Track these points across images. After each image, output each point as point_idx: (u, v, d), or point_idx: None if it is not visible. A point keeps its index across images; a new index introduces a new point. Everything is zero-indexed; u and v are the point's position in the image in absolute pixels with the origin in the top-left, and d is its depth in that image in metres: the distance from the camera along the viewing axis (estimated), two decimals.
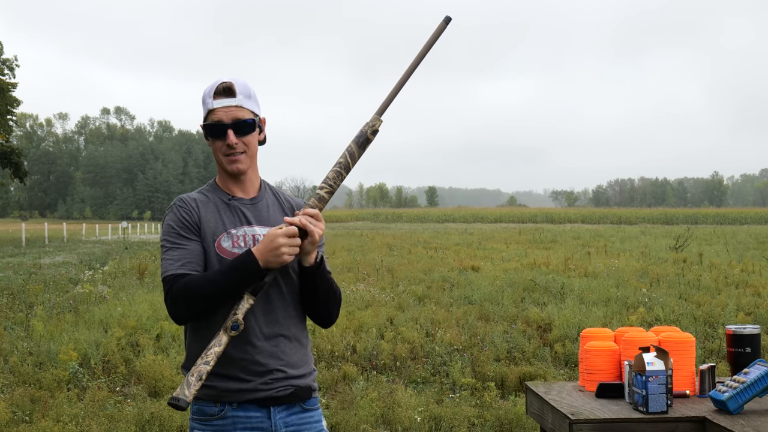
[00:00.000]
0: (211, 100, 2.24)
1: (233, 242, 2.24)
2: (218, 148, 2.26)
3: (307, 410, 2.30)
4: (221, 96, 2.24)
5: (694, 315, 9.97)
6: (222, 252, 2.23)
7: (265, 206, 2.33)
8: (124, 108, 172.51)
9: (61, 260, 23.20)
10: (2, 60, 41.95)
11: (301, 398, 2.28)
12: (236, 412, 2.21)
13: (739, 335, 2.98)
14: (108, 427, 5.56)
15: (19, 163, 40.74)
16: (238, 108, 2.24)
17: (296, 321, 2.30)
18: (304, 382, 2.28)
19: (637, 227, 63.05)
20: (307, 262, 2.20)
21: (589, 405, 2.78)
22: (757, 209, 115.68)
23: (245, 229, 2.27)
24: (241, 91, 2.25)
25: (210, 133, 2.26)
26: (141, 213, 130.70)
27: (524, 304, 11.32)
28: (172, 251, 2.23)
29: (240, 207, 2.30)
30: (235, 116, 2.23)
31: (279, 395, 2.23)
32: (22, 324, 9.66)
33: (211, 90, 2.25)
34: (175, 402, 2.03)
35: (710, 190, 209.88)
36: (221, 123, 2.23)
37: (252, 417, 2.22)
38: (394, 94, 2.24)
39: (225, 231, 2.25)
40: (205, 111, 2.26)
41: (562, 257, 20.45)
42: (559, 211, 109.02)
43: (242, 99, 2.25)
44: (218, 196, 2.32)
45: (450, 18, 2.27)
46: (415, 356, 7.97)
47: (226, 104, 2.23)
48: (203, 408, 2.23)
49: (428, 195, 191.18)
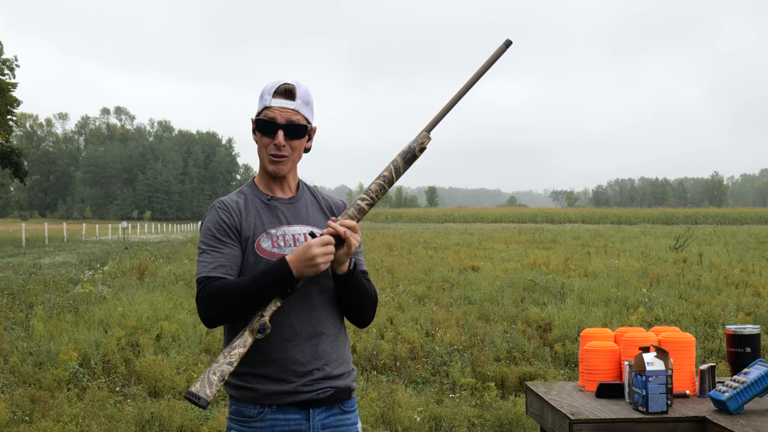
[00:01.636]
0: (269, 97, 2.25)
1: (273, 242, 2.25)
2: (265, 145, 2.26)
3: (345, 412, 2.30)
4: (281, 96, 2.24)
5: (694, 315, 9.97)
6: (262, 252, 2.23)
7: (304, 205, 2.34)
8: (124, 108, 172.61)
9: (61, 260, 23.20)
10: (2, 60, 41.94)
11: (341, 399, 2.28)
12: (275, 414, 2.21)
13: (739, 335, 2.97)
14: (108, 427, 5.56)
15: (19, 163, 40.73)
16: (295, 112, 2.24)
17: (336, 319, 2.31)
18: (344, 382, 2.29)
19: (637, 227, 63.05)
20: (340, 270, 2.20)
21: (589, 405, 2.78)
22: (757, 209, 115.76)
23: (284, 229, 2.27)
24: (301, 96, 2.25)
25: (261, 128, 2.26)
26: (141, 213, 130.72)
27: (524, 304, 11.32)
28: (207, 254, 2.22)
29: (279, 207, 2.31)
30: (290, 119, 2.24)
31: (319, 397, 2.23)
32: (22, 324, 9.66)
33: (272, 88, 2.26)
34: (194, 399, 2.01)
35: (710, 190, 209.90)
36: (274, 121, 2.23)
37: (291, 420, 2.21)
38: (445, 112, 2.26)
39: (264, 231, 2.26)
40: (261, 107, 2.27)
41: (562, 257, 20.45)
42: (559, 211, 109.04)
43: (300, 104, 2.25)
44: (257, 197, 2.32)
45: (510, 42, 2.27)
46: (415, 356, 7.97)
47: (284, 105, 2.23)
48: (242, 409, 2.23)
49: (428, 195, 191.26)
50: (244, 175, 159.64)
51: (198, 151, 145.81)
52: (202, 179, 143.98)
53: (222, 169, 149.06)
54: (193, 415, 5.75)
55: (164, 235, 54.74)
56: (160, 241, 38.75)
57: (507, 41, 2.27)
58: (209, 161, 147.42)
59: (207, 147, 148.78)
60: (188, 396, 2.02)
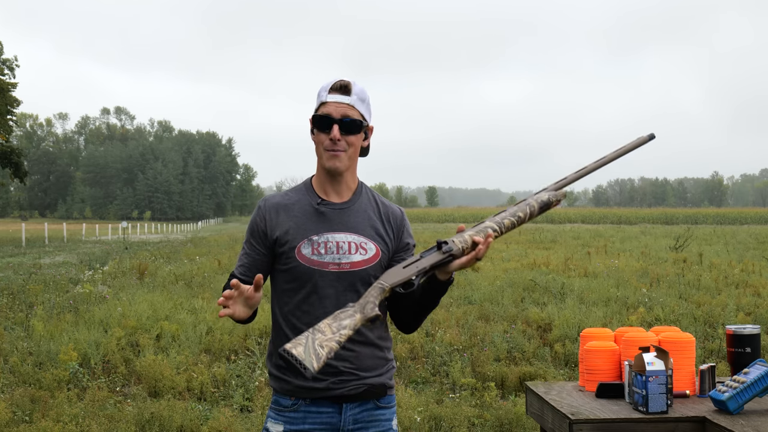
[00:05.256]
0: (326, 93, 2.26)
1: (313, 249, 2.24)
2: (321, 141, 2.26)
3: (380, 407, 2.32)
4: (337, 92, 2.25)
5: (694, 315, 9.97)
6: (301, 258, 2.24)
7: (357, 211, 2.31)
8: (124, 108, 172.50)
9: (61, 260, 23.20)
10: (2, 60, 41.94)
11: (376, 395, 2.30)
12: (309, 407, 2.27)
13: (739, 335, 2.97)
14: (108, 427, 5.56)
15: (19, 163, 40.70)
16: (350, 107, 2.25)
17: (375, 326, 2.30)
18: (378, 380, 2.30)
19: (637, 227, 63.05)
20: (443, 277, 2.18)
21: (589, 405, 2.78)
22: (757, 209, 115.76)
23: (328, 236, 2.26)
24: (357, 92, 2.26)
25: (317, 124, 2.26)
26: (141, 213, 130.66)
27: (524, 304, 11.32)
28: (241, 253, 2.35)
29: (327, 212, 2.29)
30: (345, 113, 2.24)
31: (352, 393, 2.26)
32: (22, 324, 9.65)
33: (328, 84, 2.27)
34: (299, 365, 1.91)
35: (710, 190, 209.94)
36: (330, 116, 2.23)
37: (323, 412, 2.27)
38: (582, 176, 2.30)
39: (306, 237, 2.25)
40: (318, 103, 2.27)
41: (562, 257, 20.45)
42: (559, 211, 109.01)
43: (356, 100, 2.26)
44: (308, 199, 2.31)
45: (654, 136, 2.33)
46: (415, 356, 7.97)
47: (339, 100, 2.24)
48: (279, 399, 2.31)
49: (428, 195, 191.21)
50: (244, 175, 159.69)
51: (198, 151, 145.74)
52: (202, 179, 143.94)
53: (222, 169, 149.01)
54: (193, 416, 5.75)
55: (164, 235, 54.73)
56: (160, 241, 38.75)
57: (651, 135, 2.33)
58: (209, 161, 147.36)
59: (207, 147, 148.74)
60: (290, 357, 1.92)
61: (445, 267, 2.15)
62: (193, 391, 6.66)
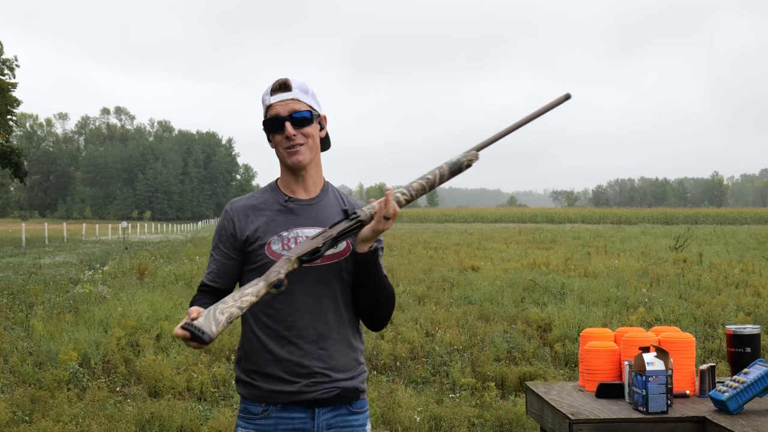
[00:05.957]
0: (268, 96, 2.26)
1: (283, 244, 2.23)
2: (279, 142, 2.26)
3: (353, 412, 2.28)
4: (278, 91, 2.25)
5: (694, 315, 9.97)
6: (272, 254, 2.22)
7: (325, 207, 2.31)
8: (124, 108, 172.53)
9: (61, 260, 23.20)
10: (2, 60, 41.93)
11: (348, 399, 2.26)
12: (280, 413, 2.22)
13: (739, 335, 2.97)
14: (108, 427, 5.56)
15: (19, 163, 40.70)
16: (295, 101, 2.24)
17: (348, 324, 2.28)
18: (351, 383, 2.26)
19: (637, 227, 63.05)
20: (362, 248, 2.18)
21: (589, 405, 2.78)
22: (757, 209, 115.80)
23: (297, 231, 2.25)
24: (298, 86, 2.26)
25: (269, 127, 2.25)
26: (141, 213, 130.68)
27: (524, 304, 11.32)
28: (210, 260, 2.34)
29: (296, 208, 2.29)
30: (292, 108, 2.23)
31: (324, 397, 2.22)
32: (22, 324, 9.65)
33: (268, 88, 2.27)
34: (197, 331, 1.95)
35: (710, 190, 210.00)
36: (278, 116, 2.23)
37: (295, 418, 2.22)
38: (496, 139, 2.30)
39: (276, 233, 2.25)
40: (264, 109, 2.27)
41: (562, 257, 20.45)
42: (559, 211, 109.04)
43: (299, 93, 2.25)
44: (275, 198, 2.31)
45: (570, 96, 2.34)
46: (415, 356, 7.97)
47: (283, 98, 2.24)
48: (248, 407, 2.26)
49: (428, 195, 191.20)
50: (244, 175, 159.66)
51: (198, 151, 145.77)
52: (202, 179, 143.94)
53: (222, 169, 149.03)
54: (193, 416, 5.75)
55: (164, 235, 54.73)
56: (160, 241, 38.75)
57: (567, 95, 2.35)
58: (209, 161, 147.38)
59: (207, 147, 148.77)
60: (190, 327, 1.96)
61: (360, 236, 2.16)
62: (193, 391, 6.66)
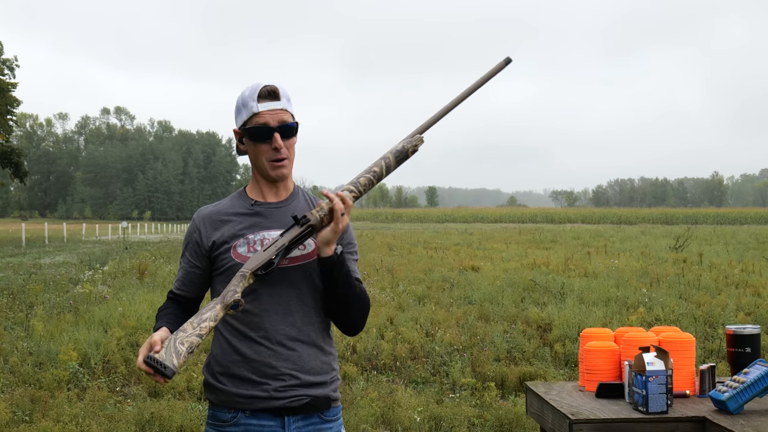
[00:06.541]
0: (255, 103, 2.18)
1: (249, 247, 2.21)
2: (263, 152, 2.21)
3: (326, 421, 2.23)
4: (266, 99, 2.19)
5: (694, 315, 9.97)
6: (237, 257, 2.20)
7: (293, 209, 2.28)
8: (124, 108, 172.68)
9: (61, 260, 23.20)
10: (2, 60, 41.92)
11: (319, 409, 2.21)
12: (249, 420, 2.17)
13: (739, 335, 2.97)
14: (108, 427, 5.56)
15: (19, 163, 40.69)
16: (284, 111, 2.20)
17: (317, 327, 2.25)
18: (322, 391, 2.21)
19: (637, 227, 63.05)
20: (325, 252, 2.13)
21: (589, 405, 2.78)
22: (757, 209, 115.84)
23: (264, 233, 2.23)
24: (284, 95, 2.22)
25: (254, 136, 2.19)
26: (141, 213, 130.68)
27: (524, 304, 11.32)
28: (179, 267, 2.35)
29: (263, 211, 2.27)
30: (282, 119, 2.19)
31: (294, 405, 2.16)
32: (22, 324, 9.65)
33: (253, 93, 2.19)
34: (159, 366, 1.94)
35: (710, 190, 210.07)
36: (268, 126, 2.18)
37: (265, 426, 2.17)
38: (440, 117, 2.26)
39: (242, 236, 2.23)
40: (248, 114, 2.19)
41: (562, 257, 20.45)
42: (559, 211, 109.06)
43: (286, 102, 2.22)
44: (242, 203, 2.29)
45: (510, 60, 2.29)
46: (415, 356, 7.97)
47: (273, 107, 2.18)
48: (217, 413, 2.22)
49: (428, 195, 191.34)
50: (244, 175, 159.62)
51: (198, 151, 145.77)
52: (202, 179, 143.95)
53: (222, 169, 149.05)
54: (193, 416, 5.76)
55: (164, 235, 54.74)
56: (160, 241, 38.75)
57: (507, 59, 2.29)
58: (209, 161, 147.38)
59: (207, 147, 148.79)
60: (151, 362, 1.95)
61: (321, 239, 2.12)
62: (193, 391, 6.66)
